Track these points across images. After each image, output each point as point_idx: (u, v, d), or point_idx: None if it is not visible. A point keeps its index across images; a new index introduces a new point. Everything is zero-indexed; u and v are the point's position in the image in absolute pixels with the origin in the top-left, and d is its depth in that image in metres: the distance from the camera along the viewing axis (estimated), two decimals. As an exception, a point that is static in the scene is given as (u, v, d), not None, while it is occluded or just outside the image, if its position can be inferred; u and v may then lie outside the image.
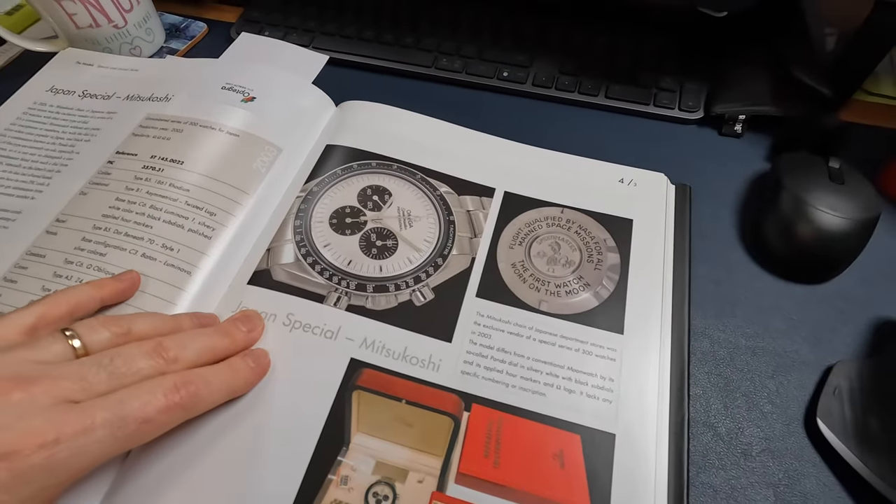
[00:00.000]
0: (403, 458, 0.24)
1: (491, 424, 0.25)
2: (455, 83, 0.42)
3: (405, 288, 0.29)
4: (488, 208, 0.32)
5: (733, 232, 0.34)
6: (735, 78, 0.39)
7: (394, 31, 0.43)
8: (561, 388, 0.26)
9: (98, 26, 0.40)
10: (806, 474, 0.26)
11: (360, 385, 0.25)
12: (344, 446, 0.24)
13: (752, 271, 0.32)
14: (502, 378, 0.26)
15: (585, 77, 0.41)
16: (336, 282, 0.29)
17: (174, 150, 0.32)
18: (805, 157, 0.34)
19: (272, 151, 0.34)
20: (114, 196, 0.31)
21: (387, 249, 0.30)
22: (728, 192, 0.36)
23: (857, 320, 0.30)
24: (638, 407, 0.25)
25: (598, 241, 0.31)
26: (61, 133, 0.35)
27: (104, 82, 0.38)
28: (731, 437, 0.27)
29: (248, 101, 0.35)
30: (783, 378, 0.29)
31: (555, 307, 0.28)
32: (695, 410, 0.27)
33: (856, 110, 0.40)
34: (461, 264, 0.30)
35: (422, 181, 0.33)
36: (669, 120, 0.40)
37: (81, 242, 0.29)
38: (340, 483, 0.23)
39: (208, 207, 0.31)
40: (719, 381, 0.29)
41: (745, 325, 0.30)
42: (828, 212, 0.30)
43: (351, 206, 0.32)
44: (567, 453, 0.24)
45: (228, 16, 0.47)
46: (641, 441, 0.25)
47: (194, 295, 0.28)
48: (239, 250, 0.30)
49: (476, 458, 0.24)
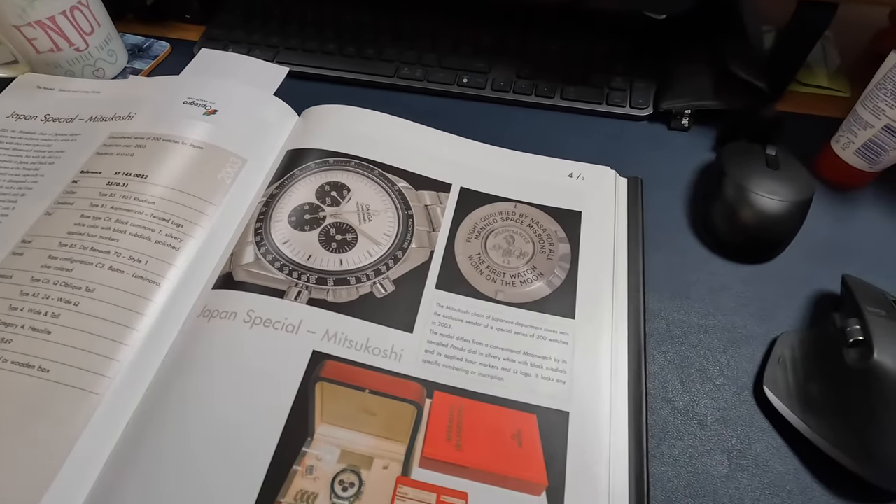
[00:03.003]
0: (368, 446, 0.24)
1: (452, 410, 0.26)
2: (417, 91, 0.43)
3: (366, 280, 0.30)
4: (445, 203, 0.33)
5: (684, 219, 0.36)
6: (680, 75, 0.41)
7: (355, 44, 0.45)
8: (518, 373, 0.27)
9: (59, 50, 0.40)
10: (756, 439, 0.27)
11: (323, 377, 0.26)
12: (308, 437, 0.24)
13: (702, 255, 0.34)
14: (462, 365, 0.27)
15: (541, 80, 0.42)
16: (296, 276, 0.29)
17: (138, 166, 0.33)
18: (745, 146, 0.36)
19: (237, 162, 0.35)
20: (79, 213, 0.31)
21: (346, 243, 0.31)
22: (678, 182, 0.38)
23: (799, 294, 0.32)
24: (591, 386, 0.27)
25: (550, 233, 0.32)
26: (24, 158, 0.36)
27: (66, 105, 0.39)
28: (688, 409, 0.28)
29: (210, 113, 0.36)
30: (734, 352, 0.30)
31: (510, 296, 0.30)
32: (653, 387, 0.29)
33: (793, 101, 0.42)
34: (420, 257, 0.31)
35: (380, 176, 0.34)
36: (621, 117, 0.41)
37: (48, 260, 0.29)
38: (306, 473, 0.23)
39: (175, 219, 0.31)
40: (675, 358, 0.30)
41: (697, 305, 0.32)
42: (766, 196, 0.32)
43: (309, 203, 0.33)
44: (524, 432, 0.25)
45: (191, 34, 0.47)
46: (594, 417, 0.26)
47: (163, 305, 0.29)
48: (207, 258, 0.31)
49: (439, 442, 0.25)
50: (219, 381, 0.26)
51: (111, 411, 0.25)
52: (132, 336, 0.27)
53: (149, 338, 0.28)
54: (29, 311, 0.27)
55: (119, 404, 0.26)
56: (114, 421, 0.25)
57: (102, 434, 0.25)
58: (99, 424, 0.25)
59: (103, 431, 0.25)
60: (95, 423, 0.25)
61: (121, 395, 0.26)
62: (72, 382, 0.25)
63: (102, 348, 0.27)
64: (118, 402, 0.26)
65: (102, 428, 0.25)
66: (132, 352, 0.27)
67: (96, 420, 0.25)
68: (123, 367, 0.26)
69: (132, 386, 0.26)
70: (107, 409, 0.25)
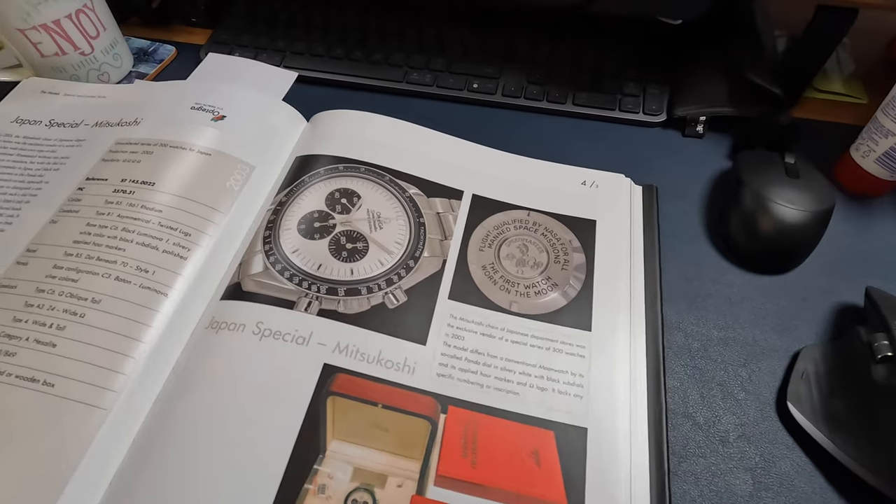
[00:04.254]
0: (381, 463, 0.24)
1: (467, 426, 0.25)
2: (426, 96, 0.42)
3: (377, 291, 0.29)
4: (457, 211, 0.33)
5: (700, 228, 0.35)
6: (694, 81, 0.41)
7: (363, 48, 0.44)
8: (534, 387, 0.26)
9: (64, 54, 0.40)
10: (780, 456, 0.26)
11: (334, 391, 0.25)
12: (320, 454, 0.24)
13: (720, 265, 0.33)
14: (477, 379, 0.26)
15: (552, 86, 0.42)
16: (306, 287, 0.29)
17: (145, 173, 0.32)
18: (762, 154, 0.35)
19: (245, 169, 0.34)
20: (84, 222, 0.30)
21: (357, 252, 0.30)
22: (693, 190, 0.37)
23: (820, 306, 0.31)
24: (609, 401, 0.26)
25: (564, 243, 0.32)
26: (29, 164, 0.35)
27: (71, 110, 0.38)
28: (709, 425, 0.27)
29: (218, 119, 0.35)
30: (754, 366, 0.29)
31: (525, 308, 0.29)
32: (673, 402, 0.28)
33: (809, 107, 0.42)
34: (433, 266, 0.30)
35: (391, 183, 0.33)
36: (635, 124, 0.41)
37: (53, 270, 0.29)
38: (318, 492, 0.23)
39: (182, 227, 0.31)
40: (695, 372, 0.29)
41: (716, 317, 0.31)
42: (786, 205, 0.31)
43: (319, 211, 0.32)
44: (542, 450, 0.24)
45: (197, 38, 0.47)
46: (612, 433, 0.25)
47: (170, 316, 0.28)
48: (215, 268, 0.30)
49: (454, 459, 0.24)
50: (227, 395, 0.25)
51: (117, 426, 0.25)
52: (139, 349, 0.27)
53: (156, 350, 0.27)
54: (34, 323, 0.27)
55: (125, 419, 0.25)
56: (120, 436, 0.25)
57: (108, 450, 0.24)
58: (105, 440, 0.24)
59: (109, 447, 0.24)
60: (101, 439, 0.24)
61: (127, 410, 0.25)
62: (77, 397, 0.25)
63: (109, 361, 0.26)
64: (125, 417, 0.25)
65: (109, 444, 0.24)
66: (139, 365, 0.26)
67: (102, 435, 0.24)
68: (130, 380, 0.26)
69: (139, 400, 0.26)
70: (113, 425, 0.25)
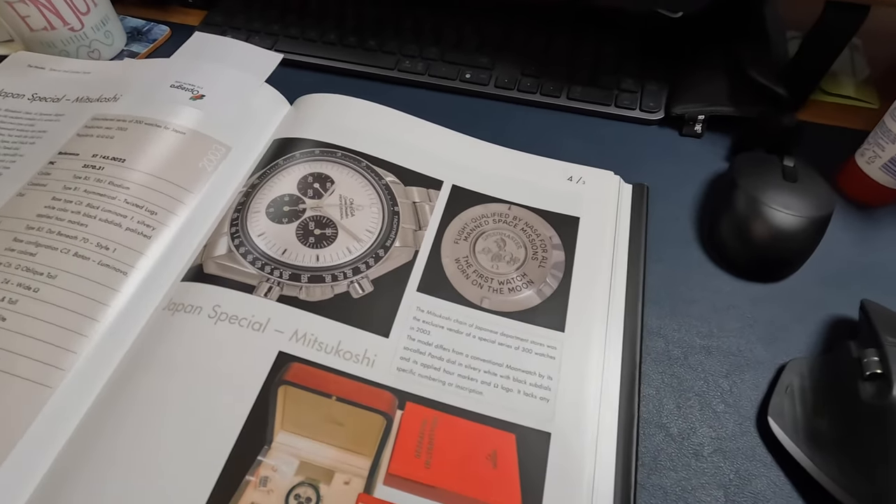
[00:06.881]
0: (330, 458, 0.23)
1: (425, 424, 0.24)
2: (418, 85, 0.41)
3: (343, 279, 0.28)
4: (435, 201, 0.32)
5: (691, 231, 0.34)
6: (694, 79, 0.39)
7: (357, 35, 0.43)
8: (498, 387, 0.25)
9: (53, 29, 0.39)
10: (757, 474, 0.25)
11: (287, 380, 0.24)
12: (265, 445, 0.23)
13: (708, 270, 0.32)
14: (439, 376, 0.25)
15: (547, 79, 0.41)
16: (268, 271, 0.28)
17: (116, 149, 0.32)
18: (760, 156, 0.33)
19: (220, 150, 0.33)
20: (50, 196, 0.30)
21: (325, 238, 0.29)
22: (687, 191, 0.35)
23: (811, 318, 0.30)
24: (576, 404, 0.25)
25: (544, 239, 0.30)
26: (6, 136, 0.35)
27: (55, 85, 0.38)
28: (683, 437, 0.26)
29: (196, 98, 0.34)
30: (737, 377, 0.28)
31: (497, 304, 0.28)
32: (647, 411, 0.27)
33: (817, 111, 0.40)
34: (403, 257, 0.29)
35: (367, 169, 0.32)
36: (631, 121, 0.39)
37: (12, 243, 0.28)
38: (259, 484, 0.22)
39: (149, 206, 0.30)
40: (673, 380, 0.28)
41: (699, 324, 0.30)
42: (780, 210, 0.30)
43: (290, 195, 0.31)
44: (500, 453, 0.23)
45: (192, 19, 0.46)
46: (577, 439, 0.24)
47: (130, 296, 0.27)
48: (182, 249, 0.29)
49: (407, 458, 0.23)
50: (177, 379, 0.24)
51: (63, 406, 0.24)
52: (93, 327, 0.26)
53: (111, 330, 0.26)
54: (-15, 296, 0.26)
55: (72, 399, 0.24)
56: (65, 417, 0.24)
57: (51, 430, 0.23)
58: (48, 420, 0.23)
59: (52, 428, 0.23)
60: (44, 419, 0.23)
61: (75, 390, 0.24)
62: (22, 373, 0.24)
63: (60, 339, 0.25)
64: (71, 396, 0.24)
65: (51, 424, 0.23)
66: (91, 344, 0.25)
67: (45, 415, 0.23)
68: (80, 359, 0.25)
69: (88, 380, 0.25)
70: (58, 404, 0.24)
